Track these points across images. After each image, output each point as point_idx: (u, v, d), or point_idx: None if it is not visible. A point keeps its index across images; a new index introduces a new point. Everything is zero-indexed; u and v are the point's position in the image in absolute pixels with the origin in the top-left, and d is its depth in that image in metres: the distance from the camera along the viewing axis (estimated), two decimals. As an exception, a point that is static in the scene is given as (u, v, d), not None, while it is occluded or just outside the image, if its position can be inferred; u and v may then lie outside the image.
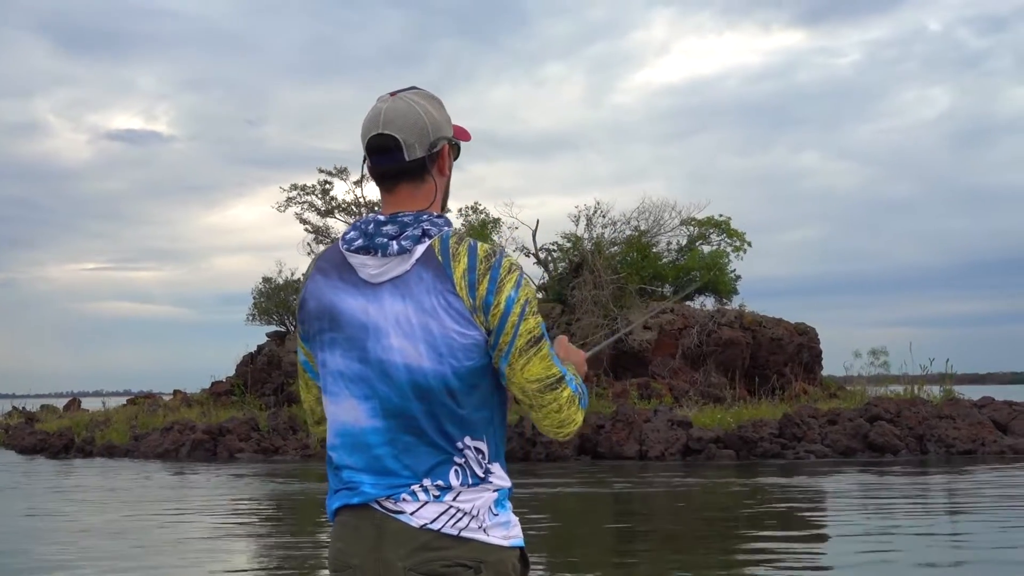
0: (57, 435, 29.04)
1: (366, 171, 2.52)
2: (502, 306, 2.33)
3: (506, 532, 2.40)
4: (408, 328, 2.33)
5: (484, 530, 2.35)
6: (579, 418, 2.44)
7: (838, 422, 23.75)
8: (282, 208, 35.50)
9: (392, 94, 2.51)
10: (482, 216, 34.93)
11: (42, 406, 44.26)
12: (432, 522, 2.32)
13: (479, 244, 2.41)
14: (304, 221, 35.37)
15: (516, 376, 2.36)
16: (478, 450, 2.38)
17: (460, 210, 35.26)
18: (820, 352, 30.94)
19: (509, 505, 2.46)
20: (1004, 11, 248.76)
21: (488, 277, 2.33)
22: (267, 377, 33.01)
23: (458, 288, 2.32)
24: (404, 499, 2.34)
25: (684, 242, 34.76)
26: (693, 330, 29.88)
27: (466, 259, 2.35)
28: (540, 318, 2.41)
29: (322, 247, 35.42)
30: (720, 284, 33.53)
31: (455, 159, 2.62)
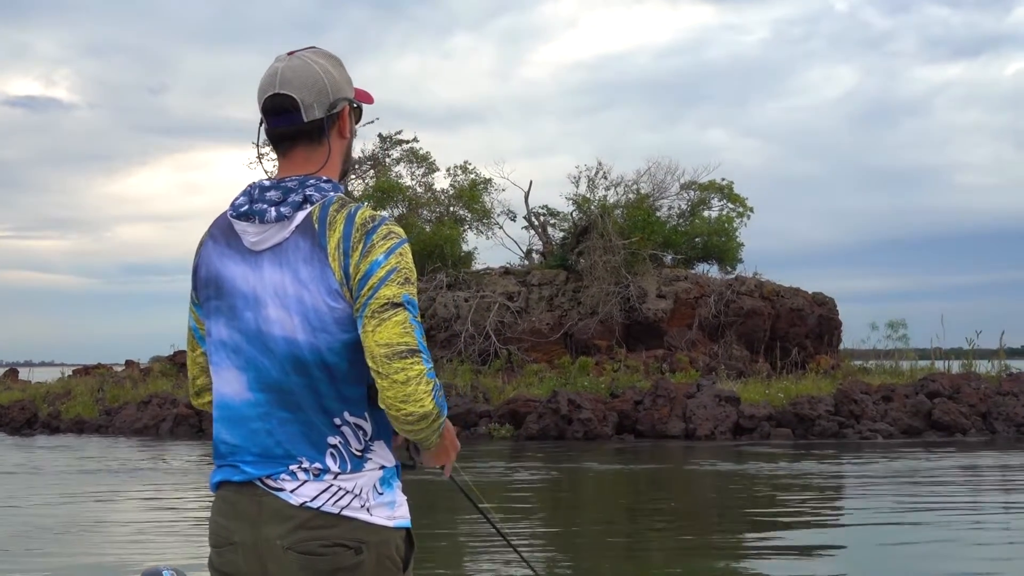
0: (17, 408, 25.99)
1: (263, 134, 2.43)
2: (364, 269, 2.23)
3: (391, 512, 2.31)
4: (284, 299, 2.28)
5: (367, 509, 2.27)
6: (428, 404, 2.20)
7: (893, 399, 22.07)
8: (253, 165, 32.69)
9: (290, 53, 2.42)
10: (472, 176, 32.48)
11: (-27, 376, 40.76)
12: (312, 500, 2.25)
13: (360, 211, 2.30)
14: (278, 178, 32.52)
15: (367, 340, 2.21)
16: (358, 426, 2.30)
17: (448, 169, 32.82)
18: (840, 324, 29.28)
19: (397, 484, 2.37)
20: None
21: (362, 244, 2.24)
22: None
23: (331, 258, 2.25)
24: (283, 478, 2.27)
25: (685, 207, 32.82)
26: (710, 299, 27.97)
27: (342, 228, 2.26)
28: (410, 292, 2.25)
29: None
30: (727, 252, 31.69)
31: (357, 122, 2.52)
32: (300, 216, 2.28)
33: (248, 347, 2.32)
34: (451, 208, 32.15)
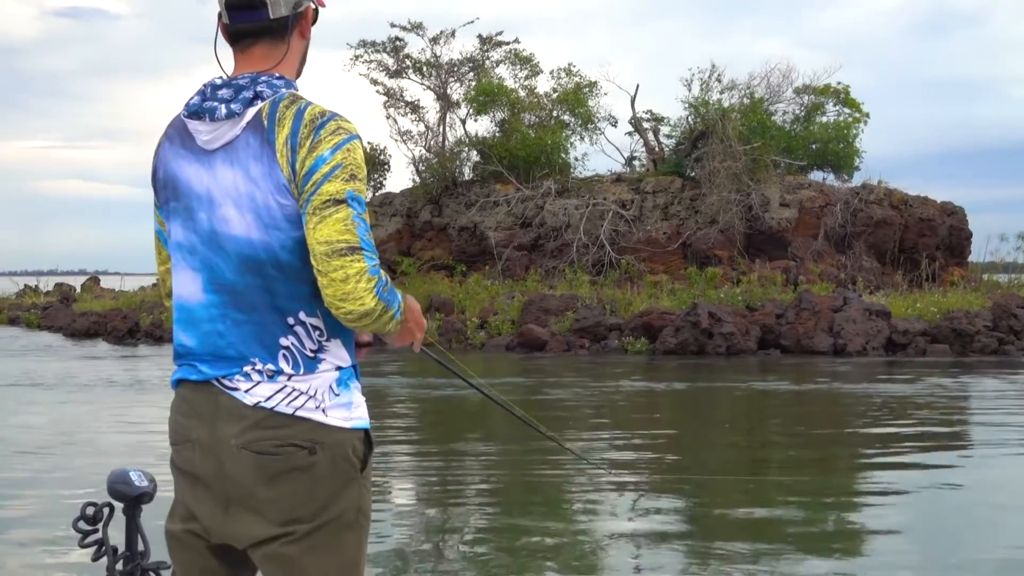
0: (119, 317, 25.31)
1: (219, 30, 2.36)
2: (309, 165, 2.17)
3: (347, 413, 2.29)
4: (237, 197, 2.23)
5: (322, 410, 2.25)
6: (369, 302, 2.16)
7: (1054, 314, 20.75)
8: (348, 68, 31.32)
9: None
10: (576, 79, 30.98)
11: (56, 285, 40.37)
12: (266, 400, 2.24)
13: (309, 107, 2.24)
14: (375, 82, 31.22)
15: (309, 237, 2.17)
16: (314, 327, 2.26)
17: (552, 72, 31.30)
18: (970, 235, 27.80)
19: (354, 385, 2.35)
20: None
21: (309, 139, 2.19)
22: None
23: (279, 154, 2.20)
24: (238, 379, 2.26)
25: (800, 112, 31.18)
26: (836, 208, 26.56)
27: (290, 123, 2.20)
28: (356, 188, 2.20)
29: (392, 110, 31.56)
30: (845, 159, 30.12)
31: (313, 24, 2.45)
32: (250, 113, 2.23)
33: (202, 248, 2.28)
34: (553, 112, 30.75)
